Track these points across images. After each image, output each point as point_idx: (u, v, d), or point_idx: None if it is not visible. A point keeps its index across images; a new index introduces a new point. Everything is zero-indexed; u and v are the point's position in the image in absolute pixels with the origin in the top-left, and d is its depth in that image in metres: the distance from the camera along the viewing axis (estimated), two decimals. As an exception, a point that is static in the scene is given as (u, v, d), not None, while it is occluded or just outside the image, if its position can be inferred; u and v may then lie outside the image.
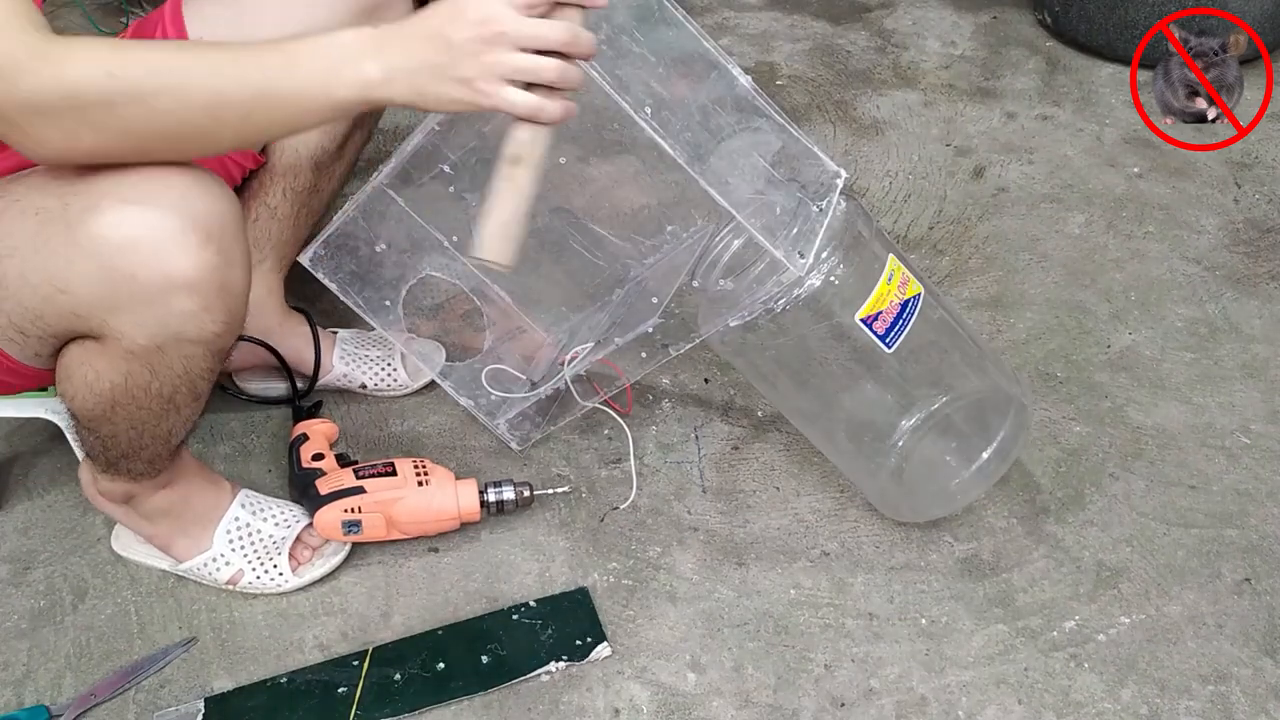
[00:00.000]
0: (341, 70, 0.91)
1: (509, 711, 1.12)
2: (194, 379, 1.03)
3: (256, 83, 0.90)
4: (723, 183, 1.08)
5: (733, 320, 1.14)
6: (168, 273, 0.91)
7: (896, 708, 1.11)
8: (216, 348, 1.00)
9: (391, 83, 0.91)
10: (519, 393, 1.36)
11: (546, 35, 0.90)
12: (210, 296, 0.94)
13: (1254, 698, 1.10)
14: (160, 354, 0.97)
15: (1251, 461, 1.34)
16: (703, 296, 1.21)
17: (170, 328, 0.95)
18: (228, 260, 0.95)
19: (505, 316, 1.48)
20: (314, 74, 0.91)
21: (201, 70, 0.89)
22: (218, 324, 0.97)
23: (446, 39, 0.90)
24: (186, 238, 0.91)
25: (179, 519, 1.20)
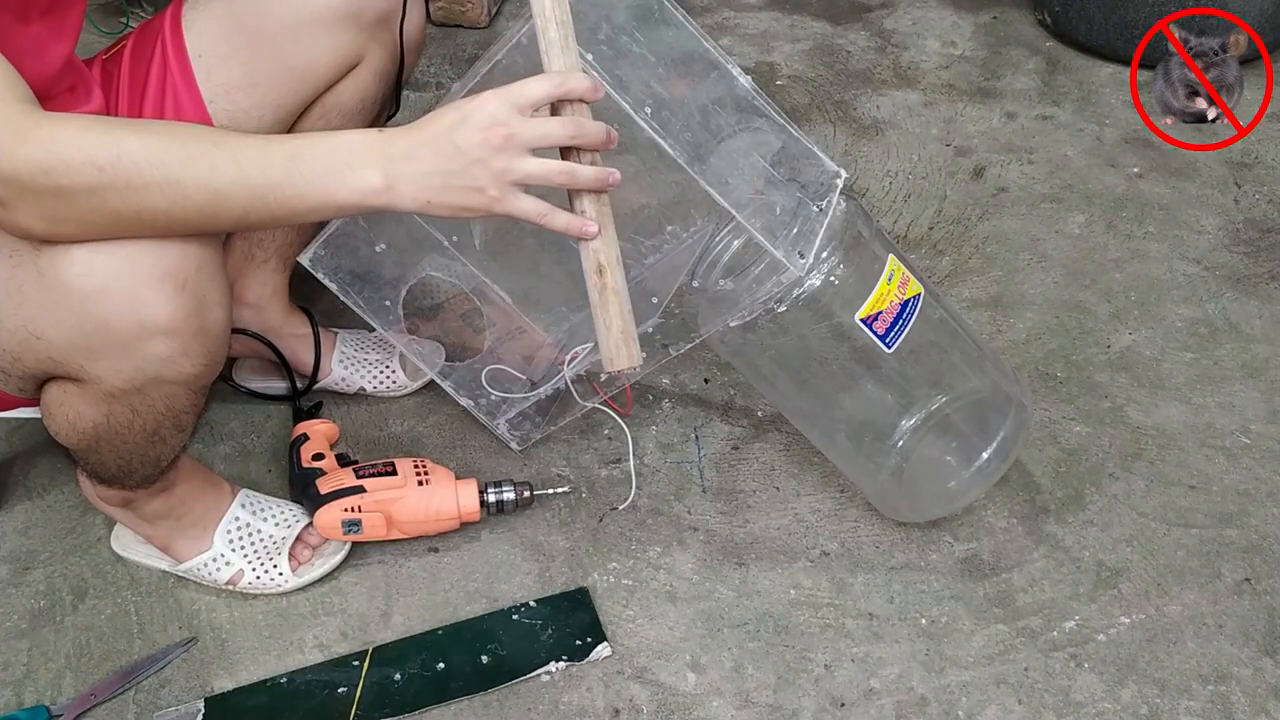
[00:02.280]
0: (345, 175, 0.90)
1: (509, 711, 1.12)
2: (177, 414, 1.02)
3: (257, 185, 0.88)
4: (722, 183, 1.08)
5: (733, 320, 1.14)
6: (142, 320, 0.90)
7: (896, 708, 1.11)
8: (198, 385, 1.00)
9: (396, 190, 0.91)
10: (519, 393, 1.36)
11: (554, 134, 0.91)
12: (188, 340, 0.93)
13: (1254, 698, 1.10)
14: (140, 395, 0.97)
15: (1251, 461, 1.34)
16: (702, 297, 1.21)
17: (148, 372, 0.94)
18: (204, 302, 0.93)
19: (505, 317, 1.48)
20: (315, 178, 0.90)
21: (200, 168, 0.87)
22: (197, 366, 0.96)
23: (455, 145, 0.90)
24: (160, 283, 0.89)
25: (178, 521, 1.20)
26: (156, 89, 1.20)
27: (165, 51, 1.20)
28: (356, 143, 0.91)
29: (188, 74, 1.19)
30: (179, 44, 1.20)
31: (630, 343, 0.98)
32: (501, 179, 0.90)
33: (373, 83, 1.27)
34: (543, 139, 0.91)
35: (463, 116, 0.90)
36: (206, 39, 1.19)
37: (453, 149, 0.90)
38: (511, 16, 2.32)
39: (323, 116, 1.26)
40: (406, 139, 0.91)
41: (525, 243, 1.44)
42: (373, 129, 0.93)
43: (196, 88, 1.19)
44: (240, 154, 0.88)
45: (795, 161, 1.22)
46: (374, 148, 0.91)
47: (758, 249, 1.11)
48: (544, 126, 0.91)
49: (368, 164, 0.90)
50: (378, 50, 1.26)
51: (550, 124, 0.91)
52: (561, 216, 0.94)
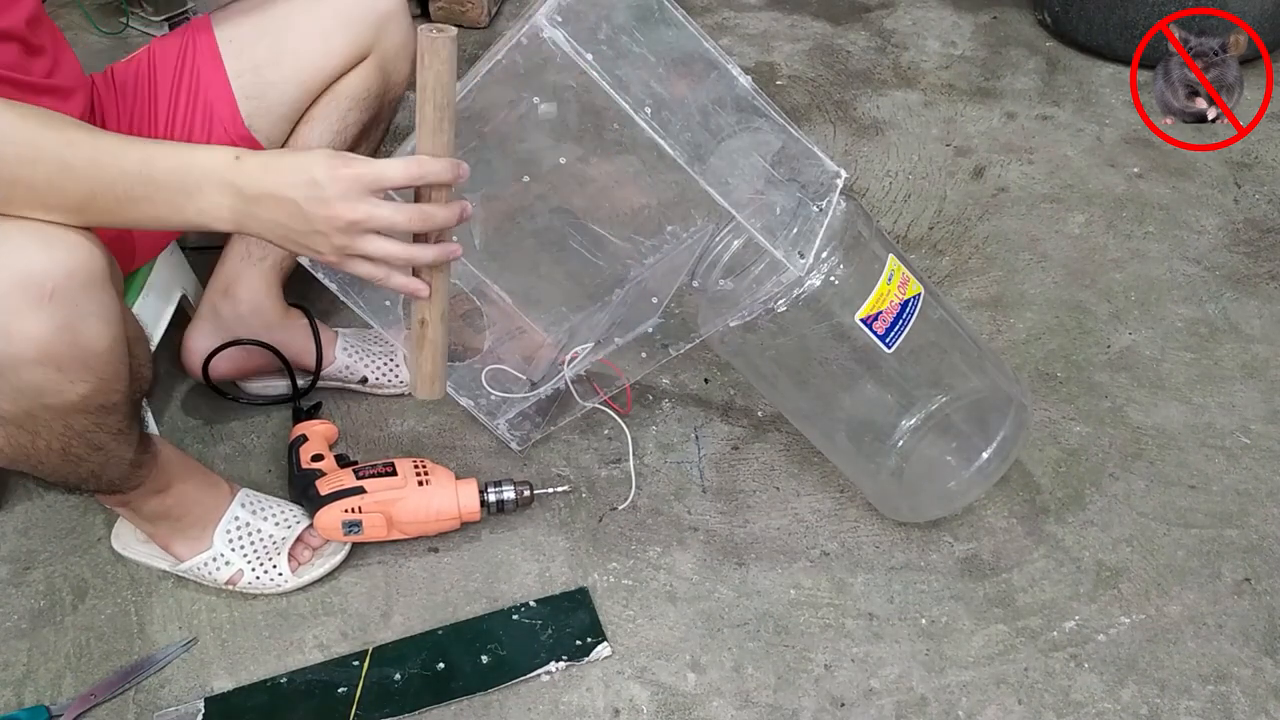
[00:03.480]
0: (195, 196, 0.90)
1: (509, 711, 1.12)
2: (83, 434, 0.98)
3: (107, 172, 0.88)
4: (722, 183, 1.08)
5: (733, 320, 1.14)
6: (9, 342, 0.86)
7: (896, 708, 1.11)
8: (93, 406, 0.95)
9: (241, 226, 0.92)
10: (519, 393, 1.36)
11: (398, 223, 0.92)
12: (63, 359, 0.89)
13: (1254, 698, 1.10)
14: (32, 418, 0.93)
15: (1251, 461, 1.34)
16: (702, 297, 1.21)
17: (28, 395, 0.90)
18: (75, 318, 0.88)
19: (505, 317, 1.48)
20: (164, 188, 0.90)
21: (58, 138, 0.87)
22: (81, 385, 0.92)
23: (302, 213, 0.91)
24: (24, 298, 0.85)
25: (177, 521, 1.20)
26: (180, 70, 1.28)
27: (194, 41, 1.29)
28: (210, 167, 0.91)
29: (213, 54, 1.28)
30: (207, 31, 1.29)
31: (437, 380, 1.04)
32: (342, 250, 0.93)
33: (375, 77, 1.35)
34: (389, 228, 0.93)
35: (316, 186, 0.90)
36: (236, 26, 1.29)
37: (300, 214, 0.91)
38: (511, 16, 2.32)
39: (331, 100, 1.34)
40: (259, 181, 0.91)
41: (525, 243, 1.44)
42: (230, 150, 0.92)
43: (221, 66, 1.27)
44: (101, 141, 0.89)
45: (795, 161, 1.22)
46: (226, 178, 0.91)
47: (758, 249, 1.11)
48: (390, 217, 0.92)
49: (218, 192, 0.91)
50: (383, 46, 1.34)
51: (397, 214, 0.92)
52: (397, 279, 0.96)
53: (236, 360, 1.41)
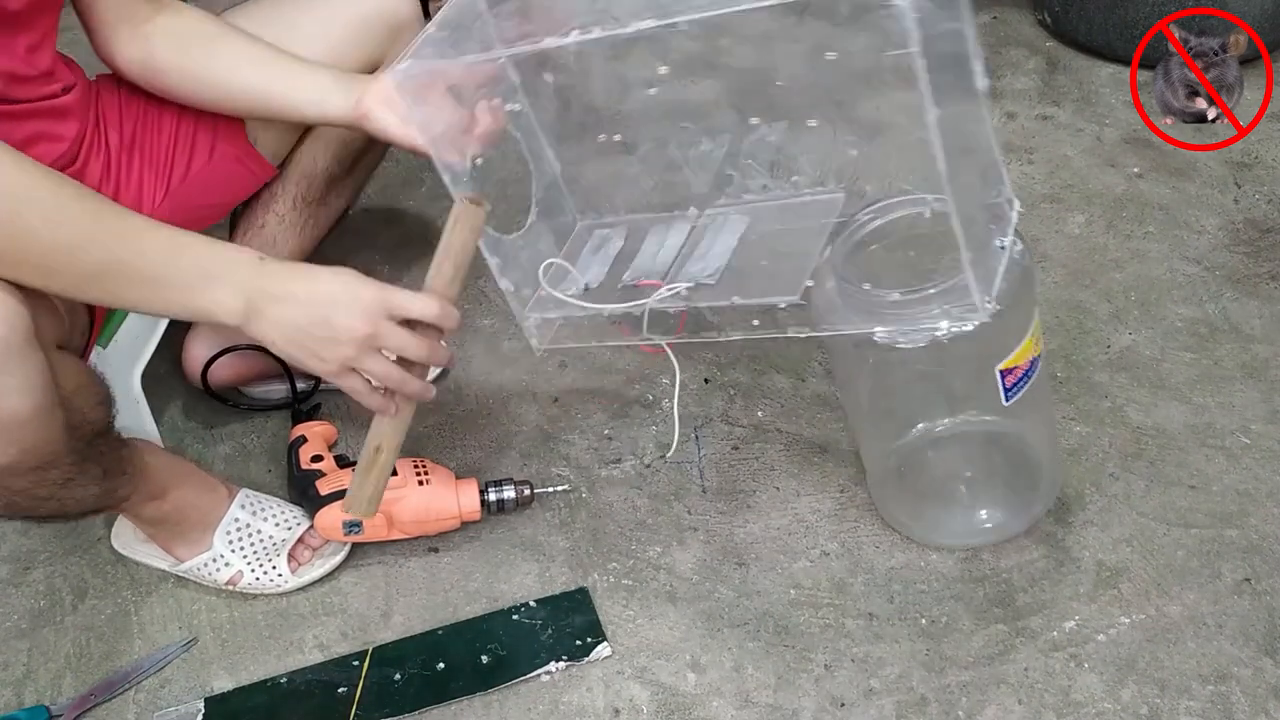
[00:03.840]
0: (208, 290, 0.92)
1: (509, 711, 1.12)
2: (23, 492, 0.97)
3: (133, 265, 0.90)
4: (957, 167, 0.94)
5: (892, 337, 1.04)
6: None
7: (896, 708, 1.11)
8: (25, 468, 0.93)
9: (250, 323, 0.94)
10: (571, 294, 1.20)
11: (409, 350, 0.97)
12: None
13: (1254, 698, 1.10)
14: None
15: (1251, 461, 1.34)
16: (840, 287, 1.07)
17: None
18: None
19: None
20: (184, 284, 0.91)
21: (82, 231, 0.87)
22: (3, 456, 0.90)
23: (327, 321, 0.94)
24: None
25: (176, 525, 1.21)
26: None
27: None
28: (236, 262, 0.93)
29: None
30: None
31: (375, 502, 1.04)
32: (344, 363, 0.96)
33: None
34: (399, 350, 0.97)
35: (347, 298, 0.94)
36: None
37: (324, 323, 0.94)
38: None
39: None
40: (285, 284, 0.94)
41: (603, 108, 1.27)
42: (254, 252, 0.95)
43: None
44: (130, 230, 0.90)
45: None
46: (249, 276, 0.93)
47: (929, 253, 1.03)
48: (404, 341, 0.97)
49: (234, 290, 0.92)
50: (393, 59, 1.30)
51: (408, 340, 0.97)
52: (377, 399, 0.99)
53: (237, 368, 1.41)
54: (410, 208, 1.79)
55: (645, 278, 1.19)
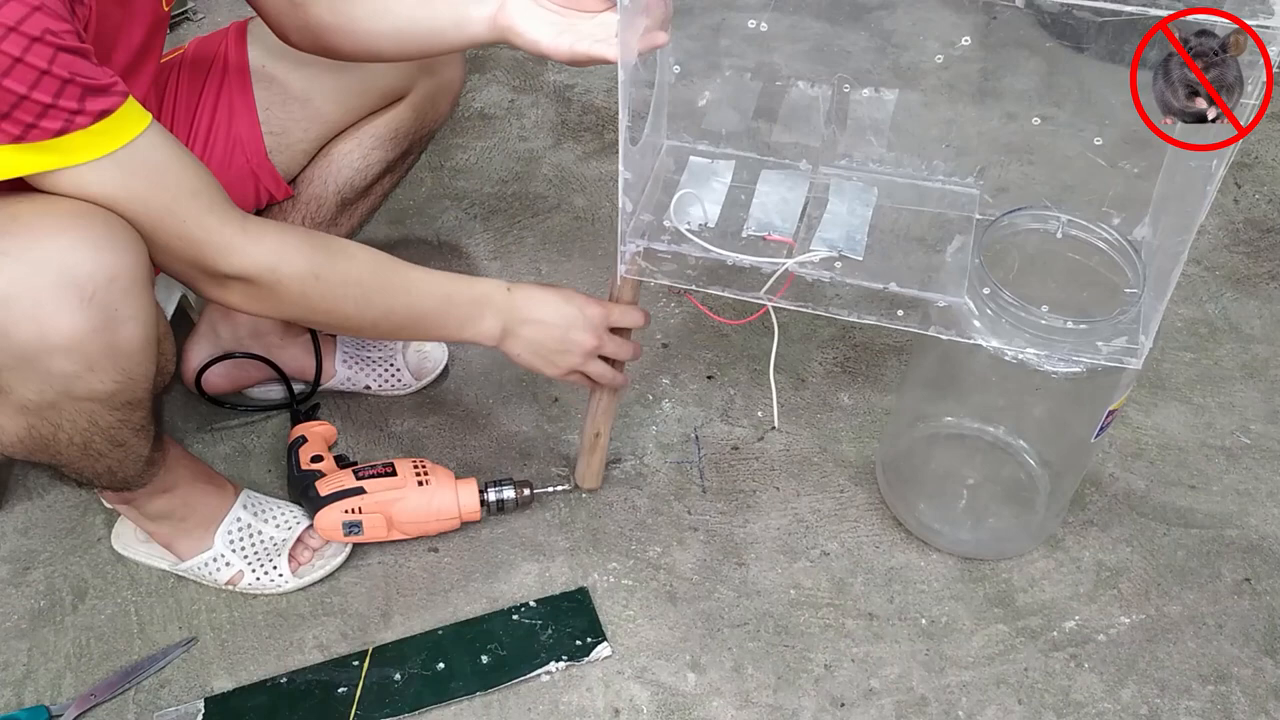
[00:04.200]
0: (477, 320, 1.13)
1: (509, 711, 1.12)
2: (105, 430, 0.99)
3: (416, 311, 1.11)
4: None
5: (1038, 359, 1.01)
6: (43, 333, 0.88)
7: (896, 708, 1.11)
8: (120, 402, 0.97)
9: (505, 344, 1.15)
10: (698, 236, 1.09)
11: (623, 354, 1.19)
12: (94, 357, 0.91)
13: (1254, 698, 1.10)
14: (56, 409, 0.94)
15: (1251, 461, 1.34)
16: (995, 298, 1.04)
17: (55, 387, 0.92)
18: (113, 320, 0.91)
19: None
20: (455, 318, 1.13)
21: (385, 291, 1.08)
22: (108, 384, 0.94)
23: (566, 337, 1.14)
24: (64, 296, 0.87)
25: (181, 522, 1.20)
26: (213, 98, 1.25)
27: (226, 60, 1.26)
28: (492, 297, 1.13)
29: (246, 85, 1.25)
30: (242, 54, 1.26)
31: (600, 475, 1.31)
32: (573, 368, 1.17)
33: (409, 117, 1.34)
34: (615, 355, 1.19)
35: (580, 318, 1.15)
36: (271, 52, 1.26)
37: (560, 338, 1.15)
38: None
39: (356, 137, 1.32)
40: (531, 311, 1.14)
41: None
42: (502, 284, 1.15)
43: (252, 98, 1.25)
44: (414, 286, 1.11)
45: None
46: (501, 307, 1.13)
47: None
48: (620, 348, 1.19)
49: (495, 317, 1.13)
50: (421, 89, 1.33)
51: (623, 346, 1.19)
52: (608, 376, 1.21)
53: (233, 376, 1.41)
54: (410, 208, 1.79)
55: (773, 232, 1.09)
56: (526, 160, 1.90)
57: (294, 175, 1.32)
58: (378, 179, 1.36)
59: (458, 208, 1.81)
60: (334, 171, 1.32)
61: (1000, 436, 1.28)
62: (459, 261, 1.70)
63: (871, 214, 1.12)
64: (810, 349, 1.51)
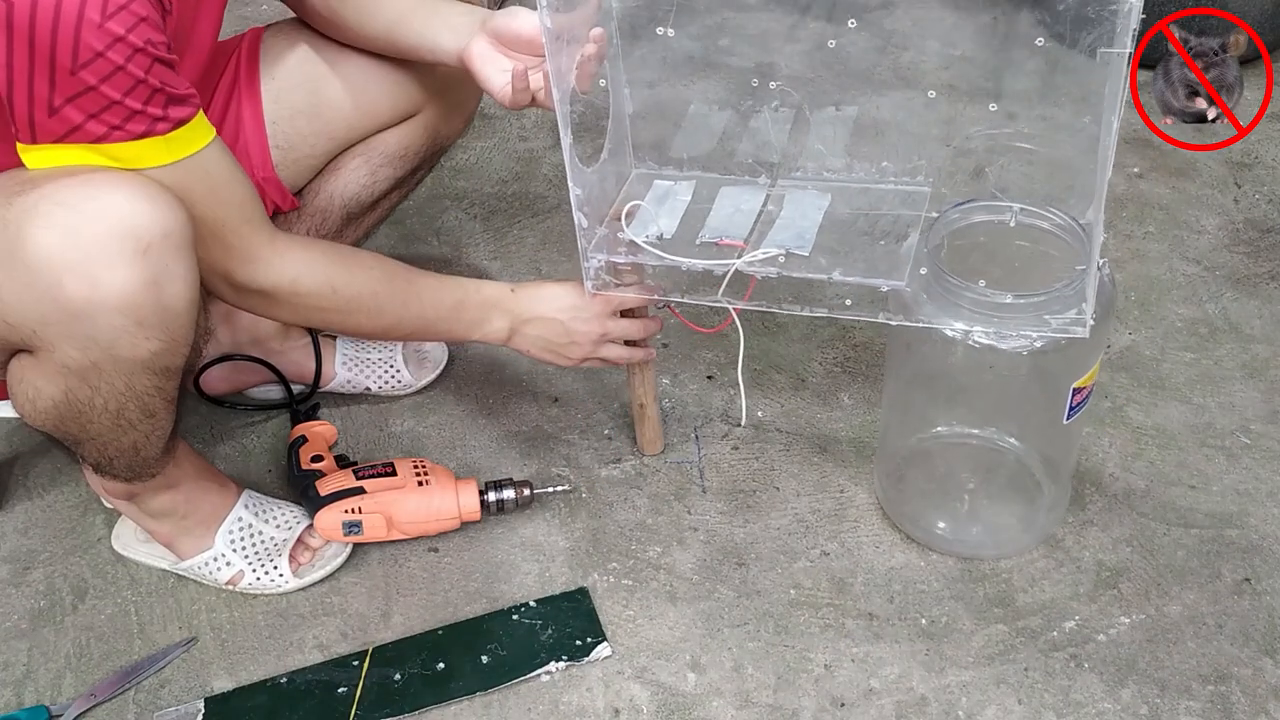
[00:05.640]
0: (484, 323, 1.18)
1: (509, 711, 1.12)
2: (141, 396, 0.99)
3: (428, 318, 1.16)
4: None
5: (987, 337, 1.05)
6: (96, 288, 0.88)
7: (896, 708, 1.11)
8: (160, 366, 0.97)
9: (512, 340, 1.20)
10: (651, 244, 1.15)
11: (634, 331, 1.22)
12: (144, 313, 0.91)
13: (1254, 698, 1.10)
14: (97, 371, 0.94)
15: (1251, 461, 1.34)
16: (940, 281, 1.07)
17: (101, 344, 0.92)
18: (164, 276, 0.91)
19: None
20: (468, 321, 1.18)
21: (399, 302, 1.13)
22: (154, 342, 0.94)
23: (568, 331, 1.19)
24: (117, 252, 0.88)
25: (183, 520, 1.20)
26: (222, 107, 1.25)
27: (238, 70, 1.25)
28: (497, 299, 1.18)
29: (255, 95, 1.25)
30: (253, 65, 1.26)
31: (659, 440, 1.37)
32: (585, 357, 1.21)
33: (420, 135, 1.34)
34: (625, 336, 1.22)
35: (577, 309, 1.18)
36: (282, 63, 1.26)
37: (565, 332, 1.19)
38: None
39: (364, 153, 1.32)
40: (533, 308, 1.19)
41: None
42: (506, 286, 1.20)
43: (261, 110, 1.25)
44: (424, 295, 1.15)
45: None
46: (506, 308, 1.18)
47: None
48: (627, 328, 1.22)
49: (502, 318, 1.18)
50: (434, 108, 1.32)
51: (631, 326, 1.22)
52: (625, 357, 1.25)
53: (233, 378, 1.42)
54: (411, 208, 1.79)
55: (725, 237, 1.15)
56: (526, 160, 1.90)
57: (301, 187, 1.32)
58: (385, 195, 1.36)
59: (458, 208, 1.81)
60: (341, 186, 1.32)
61: (990, 438, 1.28)
62: (459, 261, 1.70)
63: (822, 217, 1.17)
64: (810, 349, 1.51)
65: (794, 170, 1.25)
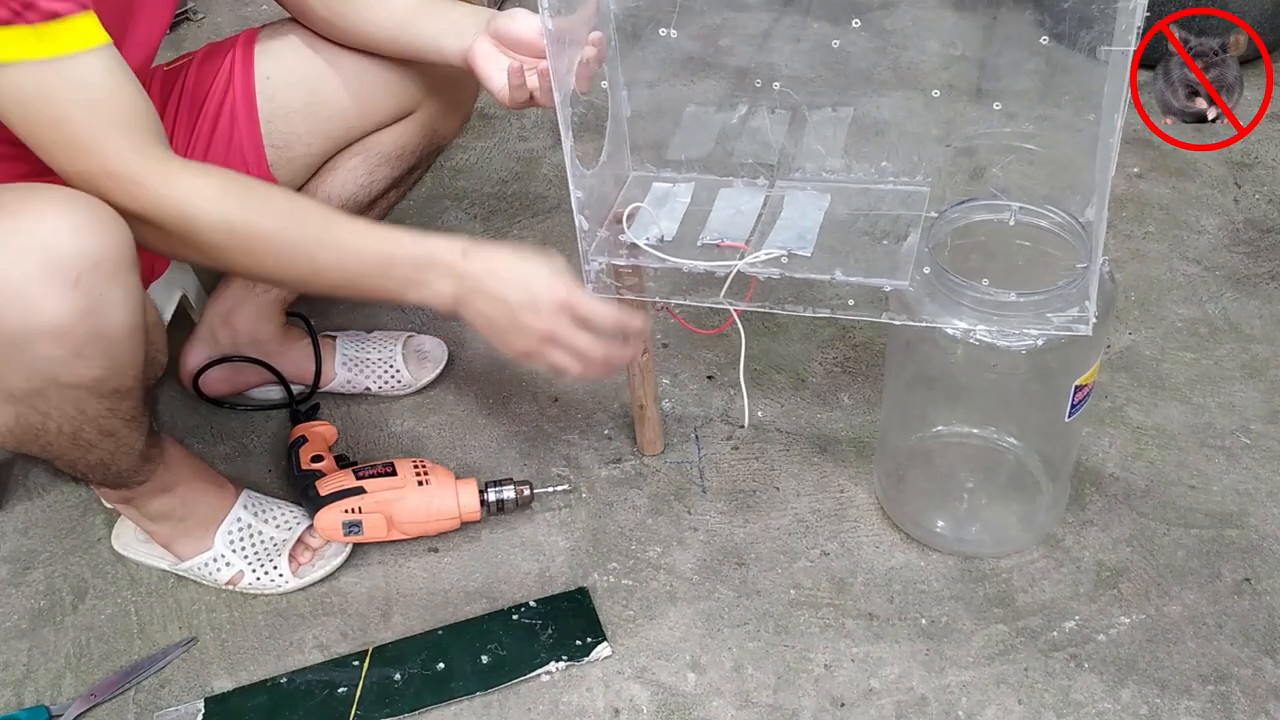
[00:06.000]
0: (423, 285, 1.02)
1: (509, 711, 1.12)
2: (95, 419, 0.98)
3: (351, 271, 1.01)
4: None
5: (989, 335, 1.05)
6: (28, 318, 0.87)
7: (896, 708, 1.11)
8: (107, 390, 0.96)
9: (459, 310, 1.04)
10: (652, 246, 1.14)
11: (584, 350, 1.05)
12: (80, 342, 0.90)
13: (1254, 698, 1.10)
14: (42, 397, 0.93)
15: (1251, 461, 1.34)
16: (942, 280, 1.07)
17: (42, 373, 0.91)
18: (99, 305, 0.90)
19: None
20: (401, 280, 1.01)
21: (310, 248, 0.99)
22: (94, 369, 0.93)
23: (513, 317, 1.03)
24: (48, 282, 0.87)
25: (181, 522, 1.21)
26: (216, 105, 1.24)
27: (233, 70, 1.25)
28: (444, 259, 1.02)
29: (250, 95, 1.24)
30: (248, 65, 1.25)
31: (659, 440, 1.36)
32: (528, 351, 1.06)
33: (417, 134, 1.33)
34: (574, 351, 1.05)
35: (534, 300, 1.02)
36: (278, 62, 1.25)
37: (511, 319, 1.03)
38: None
39: (361, 153, 1.31)
40: (484, 282, 1.02)
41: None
42: (459, 244, 1.03)
43: (255, 110, 1.24)
44: (344, 243, 1.01)
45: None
46: (456, 270, 1.02)
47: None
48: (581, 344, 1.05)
49: (446, 282, 1.02)
50: (431, 107, 1.32)
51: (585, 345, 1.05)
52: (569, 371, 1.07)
53: (232, 379, 1.42)
54: (411, 208, 1.79)
55: (727, 239, 1.15)
56: (526, 160, 1.90)
57: (298, 186, 1.31)
58: (383, 194, 1.36)
59: (458, 208, 1.81)
60: (338, 186, 1.31)
61: (989, 437, 1.28)
62: (459, 261, 1.70)
63: (823, 217, 1.17)
64: (810, 349, 1.51)
65: (793, 171, 1.25)
